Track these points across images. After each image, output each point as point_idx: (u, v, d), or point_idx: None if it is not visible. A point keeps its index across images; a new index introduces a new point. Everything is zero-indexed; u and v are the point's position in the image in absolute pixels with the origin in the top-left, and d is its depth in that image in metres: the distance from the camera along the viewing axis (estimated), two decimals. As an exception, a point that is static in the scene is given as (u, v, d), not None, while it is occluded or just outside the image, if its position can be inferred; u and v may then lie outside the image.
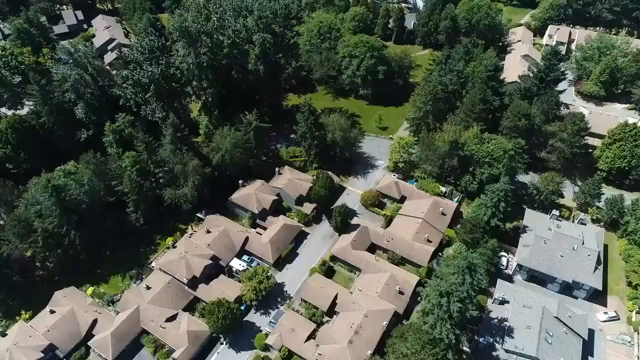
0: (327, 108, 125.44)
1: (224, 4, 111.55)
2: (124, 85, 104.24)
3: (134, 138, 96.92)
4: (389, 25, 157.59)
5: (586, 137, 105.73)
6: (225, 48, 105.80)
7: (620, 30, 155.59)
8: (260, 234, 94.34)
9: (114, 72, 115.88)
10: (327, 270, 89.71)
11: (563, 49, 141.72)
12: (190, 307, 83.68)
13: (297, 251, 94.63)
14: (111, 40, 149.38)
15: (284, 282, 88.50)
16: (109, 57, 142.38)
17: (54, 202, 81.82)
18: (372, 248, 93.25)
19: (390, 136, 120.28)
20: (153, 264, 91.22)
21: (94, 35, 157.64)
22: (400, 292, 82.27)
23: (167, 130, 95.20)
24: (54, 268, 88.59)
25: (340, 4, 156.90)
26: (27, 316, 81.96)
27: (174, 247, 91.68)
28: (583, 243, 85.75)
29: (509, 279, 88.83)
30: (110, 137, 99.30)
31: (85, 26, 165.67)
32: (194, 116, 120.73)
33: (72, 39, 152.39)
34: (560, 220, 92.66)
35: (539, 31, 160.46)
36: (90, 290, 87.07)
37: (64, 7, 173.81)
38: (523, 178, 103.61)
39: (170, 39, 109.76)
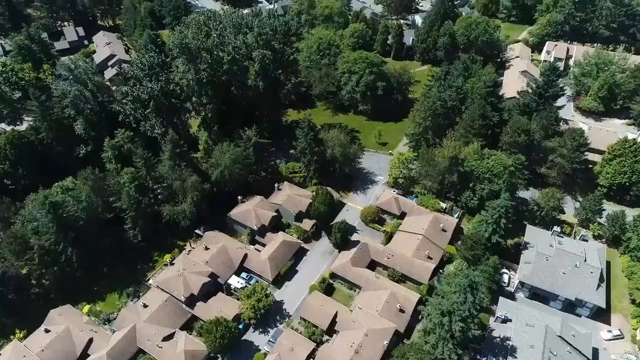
0: (326, 124, 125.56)
1: (224, 21, 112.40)
2: (124, 101, 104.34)
3: (133, 154, 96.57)
4: (388, 42, 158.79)
5: (586, 153, 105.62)
6: (225, 64, 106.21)
7: (618, 47, 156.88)
8: (259, 251, 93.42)
9: (114, 88, 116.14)
10: (327, 287, 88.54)
11: (561, 65, 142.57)
12: (187, 326, 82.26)
13: (297, 268, 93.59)
14: (112, 56, 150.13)
15: (283, 300, 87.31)
16: (109, 73, 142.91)
17: (51, 218, 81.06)
18: (372, 265, 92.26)
19: (390, 152, 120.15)
20: (150, 281, 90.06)
21: (94, 51, 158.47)
22: (401, 310, 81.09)
23: (166, 146, 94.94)
24: (50, 285, 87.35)
25: (339, 20, 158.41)
26: (21, 335, 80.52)
27: (171, 264, 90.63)
28: (585, 260, 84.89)
29: (511, 296, 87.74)
30: (109, 153, 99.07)
31: (86, 42, 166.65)
32: (194, 132, 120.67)
33: (73, 55, 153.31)
34: (562, 237, 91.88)
35: (536, 47, 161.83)
36: (86, 308, 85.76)
37: (66, 23, 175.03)
38: (523, 194, 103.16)
39: (170, 55, 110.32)
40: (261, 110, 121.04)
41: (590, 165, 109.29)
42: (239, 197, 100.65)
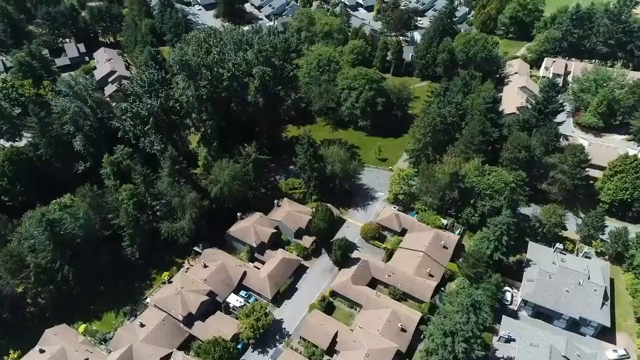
0: (326, 139, 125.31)
1: (224, 38, 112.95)
2: (123, 117, 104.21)
3: (132, 170, 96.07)
4: (387, 58, 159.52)
5: (587, 169, 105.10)
6: (225, 81, 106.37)
7: (616, 63, 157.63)
8: (259, 269, 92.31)
9: (114, 104, 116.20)
10: (327, 306, 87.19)
11: (560, 81, 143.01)
12: (185, 346, 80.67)
13: (296, 286, 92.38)
14: (112, 72, 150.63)
15: (282, 319, 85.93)
16: (109, 89, 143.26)
17: (48, 236, 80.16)
18: (373, 283, 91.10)
19: (390, 167, 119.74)
20: (148, 299, 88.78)
21: (95, 68, 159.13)
22: (403, 330, 79.71)
23: (165, 163, 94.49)
24: (46, 304, 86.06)
25: (339, 37, 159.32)
26: (15, 356, 79.06)
27: (169, 282, 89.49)
28: (589, 278, 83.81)
29: (514, 314, 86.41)
30: (108, 169, 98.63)
31: (87, 59, 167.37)
32: (193, 147, 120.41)
33: (74, 71, 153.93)
34: (565, 254, 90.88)
35: (535, 63, 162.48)
36: (82, 327, 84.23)
37: (67, 40, 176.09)
38: (525, 210, 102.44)
39: (170, 72, 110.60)
40: (261, 126, 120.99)
41: (591, 182, 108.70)
42: (238, 214, 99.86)
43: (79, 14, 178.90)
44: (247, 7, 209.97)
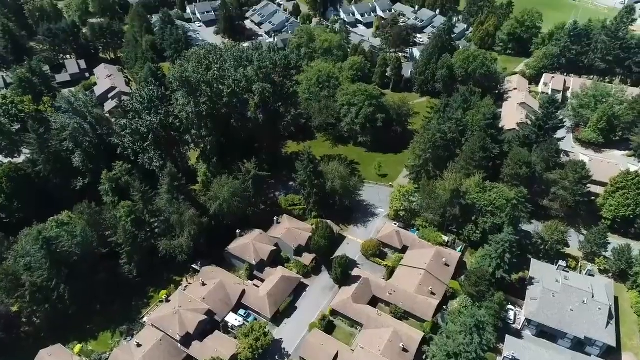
0: (326, 155, 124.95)
1: (224, 54, 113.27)
2: (122, 133, 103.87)
3: (130, 187, 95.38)
4: (387, 74, 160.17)
5: (588, 185, 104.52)
6: (225, 97, 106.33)
7: (614, 79, 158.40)
8: (258, 287, 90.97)
9: (113, 120, 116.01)
10: (327, 325, 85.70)
11: (559, 97, 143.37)
12: (182, 367, 79.14)
13: (296, 304, 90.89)
14: (112, 88, 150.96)
15: (282, 339, 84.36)
16: (109, 105, 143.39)
17: (44, 254, 79.03)
18: (374, 301, 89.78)
19: (390, 183, 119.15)
20: (145, 319, 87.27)
21: (95, 84, 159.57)
22: (405, 350, 78.12)
23: (164, 180, 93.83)
24: (41, 324, 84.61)
25: (338, 53, 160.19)
26: (8, 377, 77.36)
27: (167, 300, 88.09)
28: (593, 296, 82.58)
29: (518, 334, 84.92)
30: (106, 186, 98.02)
31: (87, 74, 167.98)
32: (192, 163, 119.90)
33: (74, 87, 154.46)
34: (568, 272, 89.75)
35: (533, 79, 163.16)
36: (77, 348, 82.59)
37: (68, 56, 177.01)
38: (526, 227, 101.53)
39: (170, 88, 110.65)
40: (261, 142, 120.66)
41: (592, 198, 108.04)
42: (237, 231, 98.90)
43: (80, 30, 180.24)
44: (247, 23, 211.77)
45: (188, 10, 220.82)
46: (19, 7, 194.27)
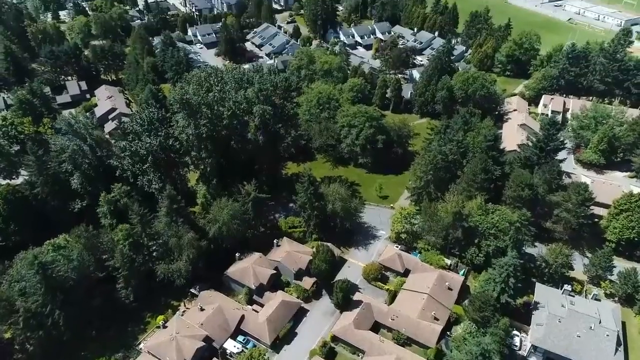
0: (326, 176, 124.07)
1: (225, 76, 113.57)
2: (122, 155, 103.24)
3: (129, 209, 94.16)
4: (387, 95, 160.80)
5: (591, 207, 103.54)
6: (225, 119, 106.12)
7: (613, 100, 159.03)
8: (257, 312, 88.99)
9: (113, 142, 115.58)
10: (328, 352, 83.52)
11: (559, 118, 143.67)
12: (179, 396, 76.72)
13: (296, 330, 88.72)
14: (113, 109, 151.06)
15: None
16: (109, 126, 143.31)
17: (39, 279, 77.32)
18: (376, 327, 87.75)
19: (392, 205, 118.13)
20: (141, 345, 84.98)
21: (96, 105, 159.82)
22: (408, 378, 75.96)
23: (163, 202, 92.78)
24: (34, 351, 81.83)
25: (338, 75, 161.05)
26: (-1, 407, 74.79)
27: (164, 326, 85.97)
28: (600, 322, 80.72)
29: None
30: (104, 208, 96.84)
31: (88, 96, 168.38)
32: (192, 185, 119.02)
33: (74, 108, 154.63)
34: (573, 296, 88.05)
35: (533, 100, 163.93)
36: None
37: (69, 77, 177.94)
38: (530, 249, 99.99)
39: (170, 110, 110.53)
40: (261, 163, 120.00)
41: (596, 220, 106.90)
42: (236, 254, 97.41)
43: (82, 52, 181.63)
44: (248, 45, 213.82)
45: (189, 33, 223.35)
46: (22, 30, 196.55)
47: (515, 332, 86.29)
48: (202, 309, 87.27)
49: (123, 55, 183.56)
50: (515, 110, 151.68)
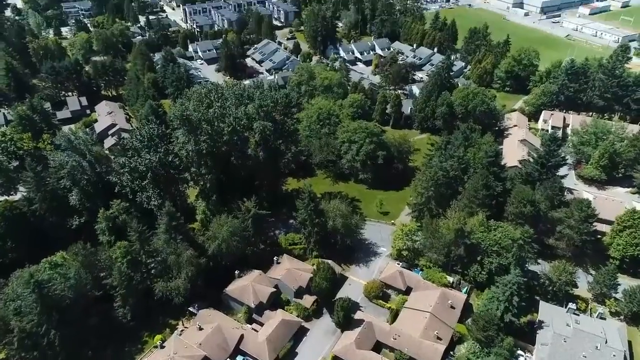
0: (327, 192, 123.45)
1: (225, 92, 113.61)
2: (121, 171, 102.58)
3: (127, 226, 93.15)
4: (387, 111, 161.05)
5: (594, 223, 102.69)
6: (225, 135, 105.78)
7: (613, 115, 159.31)
8: (257, 331, 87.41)
9: (112, 158, 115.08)
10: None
11: (559, 133, 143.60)
12: (176, 419, 74.80)
13: (297, 350, 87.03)
14: (113, 125, 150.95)
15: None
16: (109, 142, 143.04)
17: (35, 298, 75.82)
18: (378, 346, 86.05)
19: (392, 221, 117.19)
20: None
21: (96, 120, 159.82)
22: (411, 400, 74.16)
23: (162, 219, 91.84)
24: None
25: (338, 91, 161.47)
26: None
27: (162, 346, 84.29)
28: (606, 341, 79.25)
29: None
30: (103, 225, 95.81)
31: (88, 111, 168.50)
32: (191, 201, 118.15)
33: (74, 124, 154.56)
34: (578, 315, 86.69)
35: (533, 116, 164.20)
36: (66, 398, 78.36)
37: (70, 93, 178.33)
38: (533, 267, 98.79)
39: (171, 126, 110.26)
40: (261, 179, 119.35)
41: (599, 236, 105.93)
42: (236, 272, 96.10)
43: (82, 68, 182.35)
44: (248, 61, 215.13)
45: (190, 49, 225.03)
46: (24, 46, 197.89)
47: (519, 352, 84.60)
48: (200, 328, 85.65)
49: (124, 71, 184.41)
50: (515, 125, 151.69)
